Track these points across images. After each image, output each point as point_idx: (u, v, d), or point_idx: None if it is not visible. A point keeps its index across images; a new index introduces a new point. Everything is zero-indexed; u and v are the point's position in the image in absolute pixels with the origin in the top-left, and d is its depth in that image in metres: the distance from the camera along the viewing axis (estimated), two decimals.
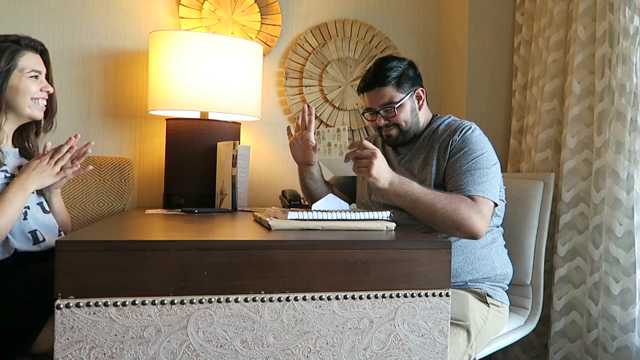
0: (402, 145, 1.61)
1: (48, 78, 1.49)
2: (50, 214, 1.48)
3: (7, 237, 1.32)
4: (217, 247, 0.93)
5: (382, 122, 1.56)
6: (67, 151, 1.38)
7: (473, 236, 1.38)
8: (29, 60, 1.42)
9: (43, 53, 1.49)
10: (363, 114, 1.64)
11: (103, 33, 2.13)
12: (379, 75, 1.53)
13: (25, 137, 1.50)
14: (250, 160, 2.02)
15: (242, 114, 2.00)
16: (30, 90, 1.41)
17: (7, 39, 1.41)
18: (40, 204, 1.46)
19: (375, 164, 1.32)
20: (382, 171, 1.35)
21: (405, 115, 1.55)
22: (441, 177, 1.49)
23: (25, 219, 1.38)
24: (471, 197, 1.39)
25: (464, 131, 1.49)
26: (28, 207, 1.40)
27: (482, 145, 1.48)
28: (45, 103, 1.46)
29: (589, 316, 1.71)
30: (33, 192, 1.39)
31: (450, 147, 1.48)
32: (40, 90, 1.43)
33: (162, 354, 0.90)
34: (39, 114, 1.45)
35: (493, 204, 1.43)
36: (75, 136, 1.41)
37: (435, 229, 1.41)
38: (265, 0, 2.24)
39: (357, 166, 1.34)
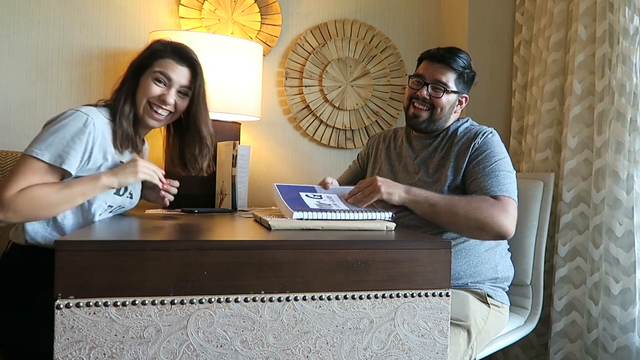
0: (420, 131, 1.59)
1: (191, 95, 1.44)
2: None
3: (60, 221, 1.30)
4: (217, 247, 0.93)
5: (424, 94, 1.52)
6: (160, 180, 1.39)
7: (501, 235, 1.35)
8: (164, 65, 1.39)
9: (194, 69, 1.43)
10: (410, 77, 1.59)
11: (103, 33, 2.13)
12: (452, 55, 1.53)
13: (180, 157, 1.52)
14: (250, 160, 2.02)
15: (242, 114, 2.00)
16: (147, 92, 1.38)
17: (164, 43, 1.42)
18: (121, 207, 1.44)
19: (379, 182, 1.34)
20: (392, 186, 1.37)
21: (445, 103, 1.53)
22: (459, 180, 1.48)
23: (100, 215, 1.35)
24: (495, 197, 1.38)
25: (485, 135, 1.50)
26: (111, 206, 1.38)
27: (502, 149, 1.49)
28: (165, 115, 1.41)
29: (589, 316, 1.71)
30: (122, 195, 1.39)
31: (472, 149, 1.47)
32: (160, 97, 1.39)
33: (162, 354, 0.90)
34: (151, 122, 1.41)
35: (517, 205, 1.41)
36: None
37: (461, 234, 1.41)
38: (265, 0, 2.24)
39: (365, 197, 1.35)
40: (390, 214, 1.23)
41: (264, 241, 0.99)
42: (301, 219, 1.16)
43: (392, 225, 1.18)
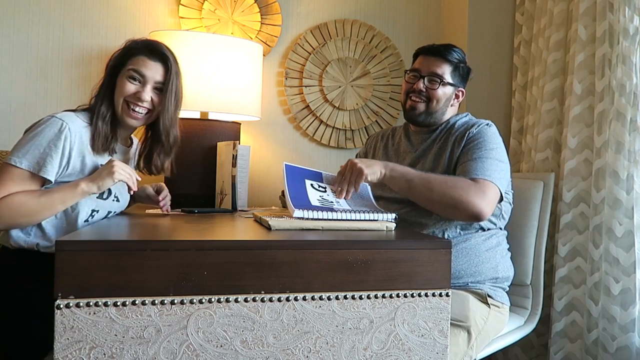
0: (418, 124, 1.60)
1: (164, 90, 1.42)
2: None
3: (43, 225, 1.31)
4: (217, 247, 0.93)
5: (421, 87, 1.55)
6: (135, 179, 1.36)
7: (475, 216, 1.33)
8: (137, 62, 1.39)
9: (166, 64, 1.42)
10: (406, 71, 1.63)
11: (103, 33, 2.13)
12: (446, 49, 1.57)
13: (149, 155, 1.52)
14: (250, 160, 2.02)
15: (242, 114, 2.00)
16: (122, 90, 1.38)
17: (137, 40, 1.43)
18: (110, 212, 1.45)
19: (359, 164, 1.34)
20: (371, 163, 1.37)
21: (441, 96, 1.55)
22: (453, 166, 1.49)
23: (85, 221, 1.35)
24: (473, 179, 1.37)
25: (481, 125, 1.51)
26: (97, 211, 1.38)
27: (496, 140, 1.49)
28: (143, 113, 1.40)
29: (589, 316, 1.71)
30: (106, 198, 1.39)
31: (467, 137, 1.49)
32: (136, 94, 1.38)
33: (162, 354, 0.90)
34: (130, 121, 1.40)
35: (499, 191, 1.39)
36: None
37: (436, 212, 1.40)
38: (265, 0, 2.24)
39: (352, 184, 1.34)
40: (394, 215, 1.23)
41: (264, 241, 0.99)
42: (301, 217, 1.16)
43: (392, 225, 1.18)
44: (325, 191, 1.34)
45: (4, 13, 2.03)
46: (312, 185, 1.35)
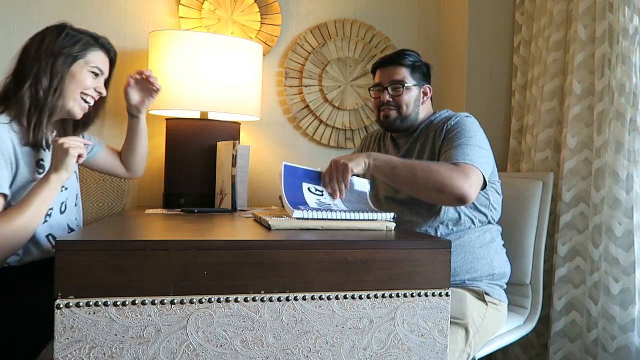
0: (396, 130, 1.64)
1: (107, 85, 1.50)
2: (66, 214, 1.45)
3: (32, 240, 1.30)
4: (217, 247, 0.93)
5: (387, 98, 1.60)
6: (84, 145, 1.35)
7: (460, 198, 1.34)
8: (98, 58, 1.42)
9: (112, 61, 1.50)
10: (370, 88, 1.69)
11: (103, 33, 2.11)
12: (399, 55, 1.63)
13: (63, 133, 1.51)
14: (250, 160, 2.02)
15: (242, 114, 2.00)
16: (84, 84, 1.39)
17: (86, 32, 1.44)
18: (63, 203, 1.43)
19: (342, 160, 1.36)
20: (353, 156, 1.39)
21: (409, 99, 1.59)
22: (436, 158, 1.51)
23: (45, 222, 1.34)
24: (455, 164, 1.39)
25: (460, 117, 1.54)
26: (52, 209, 1.37)
27: (476, 129, 1.51)
28: (91, 104, 1.44)
29: (589, 316, 1.71)
30: (63, 189, 1.39)
31: (446, 129, 1.51)
32: (95, 89, 1.42)
33: (162, 354, 0.90)
34: (78, 112, 1.41)
35: (482, 175, 1.41)
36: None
37: (421, 197, 1.41)
38: (265, 0, 2.24)
39: (341, 183, 1.35)
40: (393, 215, 1.23)
41: (264, 241, 0.99)
42: (301, 218, 1.16)
43: (392, 225, 1.18)
44: (322, 195, 1.35)
45: (4, 13, 2.03)
46: (309, 189, 1.35)
